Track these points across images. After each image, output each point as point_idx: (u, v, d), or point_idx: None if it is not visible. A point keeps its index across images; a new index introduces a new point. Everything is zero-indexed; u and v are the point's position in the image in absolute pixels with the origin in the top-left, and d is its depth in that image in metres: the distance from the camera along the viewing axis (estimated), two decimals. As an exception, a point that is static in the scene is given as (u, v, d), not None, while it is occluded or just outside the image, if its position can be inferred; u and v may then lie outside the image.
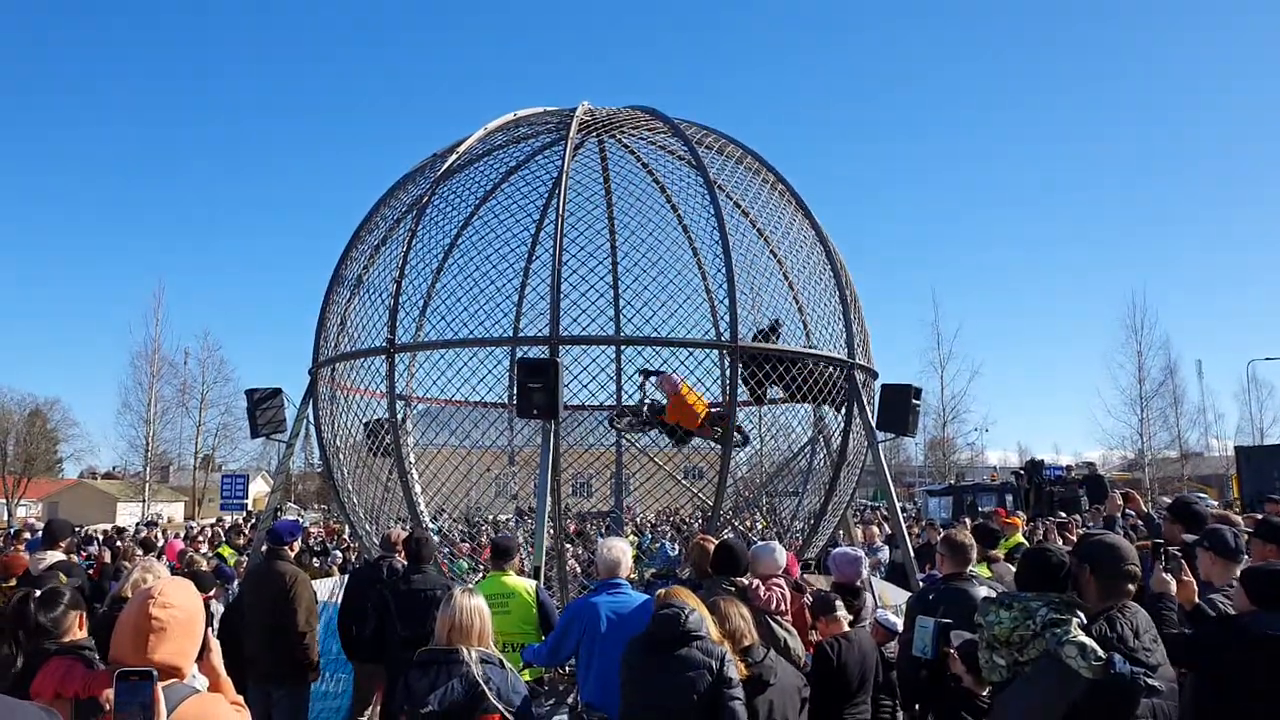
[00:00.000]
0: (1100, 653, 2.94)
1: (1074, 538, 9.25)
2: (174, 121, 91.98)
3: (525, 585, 5.60)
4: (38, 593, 3.47)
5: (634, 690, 3.79)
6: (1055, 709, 2.99)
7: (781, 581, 5.08)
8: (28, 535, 13.32)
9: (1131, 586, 3.22)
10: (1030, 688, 3.11)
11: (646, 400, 8.45)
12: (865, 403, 8.34)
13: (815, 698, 4.29)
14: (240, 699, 2.55)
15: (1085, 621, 3.12)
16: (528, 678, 5.30)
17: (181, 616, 2.31)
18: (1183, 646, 3.41)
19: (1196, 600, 3.76)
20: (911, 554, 8.37)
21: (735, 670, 3.68)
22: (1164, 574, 3.73)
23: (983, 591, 4.49)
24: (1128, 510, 9.75)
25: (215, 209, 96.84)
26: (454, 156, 8.44)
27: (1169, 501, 8.50)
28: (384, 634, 5.64)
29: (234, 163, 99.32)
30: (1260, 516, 8.11)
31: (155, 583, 2.48)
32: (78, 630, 3.41)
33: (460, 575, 8.56)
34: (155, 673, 1.97)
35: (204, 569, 7.80)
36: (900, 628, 5.15)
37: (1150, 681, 2.95)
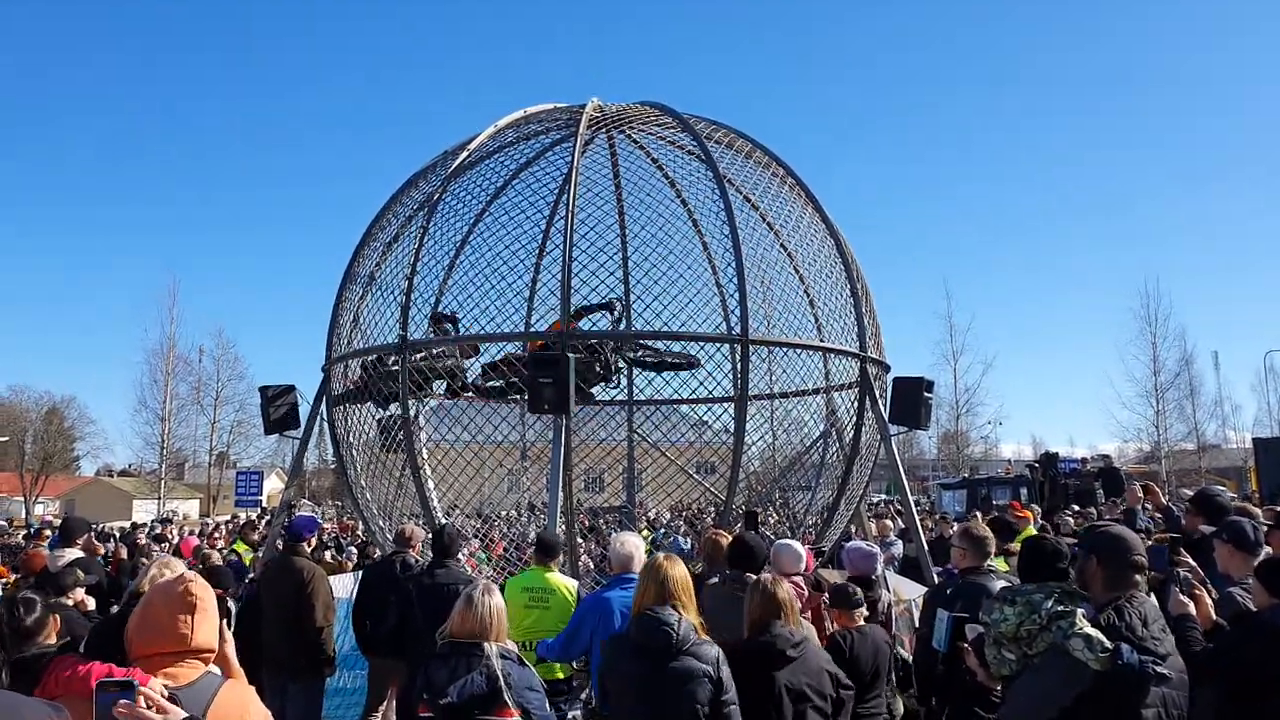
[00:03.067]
0: (1106, 643, 2.92)
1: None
2: (187, 119, 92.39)
3: (568, 584, 5.52)
4: (17, 598, 3.52)
5: (623, 699, 3.66)
6: (1062, 700, 2.97)
7: (799, 579, 5.05)
8: (48, 533, 13.42)
9: (1139, 577, 3.17)
10: (1038, 680, 3.10)
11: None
12: (878, 396, 8.32)
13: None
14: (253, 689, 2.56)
15: (1090, 611, 3.10)
16: (560, 675, 5.27)
17: (210, 599, 2.37)
18: (1203, 658, 3.35)
19: (1215, 619, 3.69)
20: (925, 548, 8.35)
21: (729, 673, 3.56)
22: (1181, 596, 3.65)
23: (1000, 585, 4.46)
24: (1146, 503, 9.65)
25: (228, 207, 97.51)
26: (465, 154, 8.46)
27: (1188, 494, 8.42)
28: (405, 629, 5.64)
29: (247, 160, 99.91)
30: (1278, 508, 8.04)
31: (176, 573, 2.50)
32: (53, 635, 3.45)
33: (490, 566, 8.59)
34: (135, 682, 1.96)
35: (219, 564, 7.86)
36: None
37: (1159, 670, 2.92)
